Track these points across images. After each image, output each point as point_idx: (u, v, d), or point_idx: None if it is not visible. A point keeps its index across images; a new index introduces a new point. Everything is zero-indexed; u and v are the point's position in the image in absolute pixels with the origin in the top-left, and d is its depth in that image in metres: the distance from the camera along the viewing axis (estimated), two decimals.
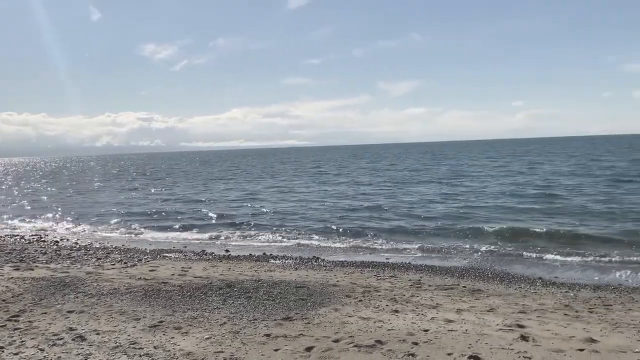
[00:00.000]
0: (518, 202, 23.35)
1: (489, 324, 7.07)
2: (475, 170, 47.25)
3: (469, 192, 27.94)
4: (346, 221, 19.88)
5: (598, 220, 17.63)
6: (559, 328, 6.91)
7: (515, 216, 19.48)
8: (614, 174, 35.63)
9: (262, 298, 8.60)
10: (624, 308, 8.27)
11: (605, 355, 5.79)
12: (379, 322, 7.12)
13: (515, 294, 9.46)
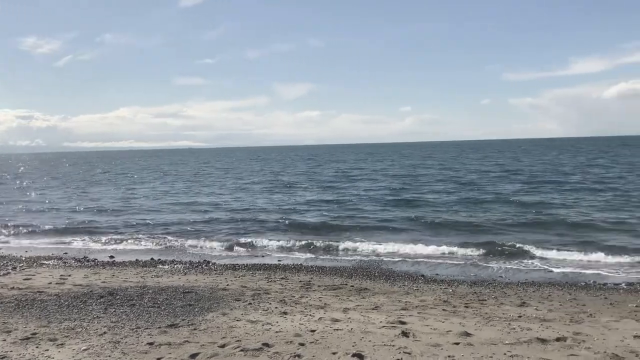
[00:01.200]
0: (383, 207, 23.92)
1: (373, 322, 7.29)
2: (362, 173, 48.65)
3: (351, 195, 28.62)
4: (239, 224, 19.72)
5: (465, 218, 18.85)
6: (438, 323, 7.26)
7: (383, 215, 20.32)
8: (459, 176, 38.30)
9: (146, 305, 8.30)
10: (497, 302, 8.86)
11: (479, 347, 6.16)
12: (267, 325, 7.11)
13: (399, 292, 9.83)
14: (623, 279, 11.15)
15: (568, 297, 9.46)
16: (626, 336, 6.64)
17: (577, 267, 12.30)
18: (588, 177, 34.84)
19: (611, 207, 20.87)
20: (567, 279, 11.23)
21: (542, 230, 16.84)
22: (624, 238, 15.25)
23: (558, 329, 6.94)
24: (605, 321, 7.47)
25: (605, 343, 6.33)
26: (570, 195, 25.38)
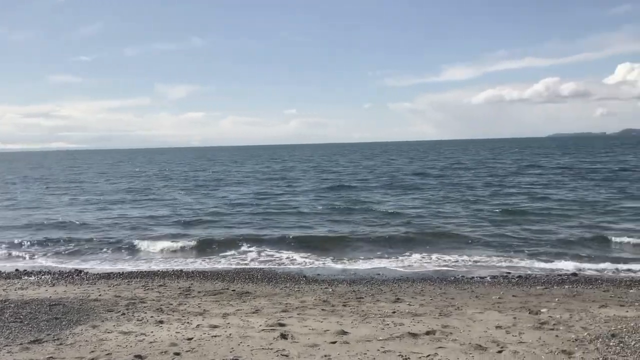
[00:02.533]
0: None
1: (252, 326, 7.24)
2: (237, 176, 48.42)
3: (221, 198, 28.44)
4: (116, 229, 18.80)
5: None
6: (316, 323, 7.36)
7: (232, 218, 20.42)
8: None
9: (7, 321, 7.65)
10: (373, 299, 9.15)
11: (354, 345, 6.32)
12: (141, 336, 6.82)
13: (280, 294, 9.86)
14: (488, 273, 11.96)
15: (439, 291, 9.98)
16: (489, 327, 7.12)
17: (450, 265, 13.02)
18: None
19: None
20: (438, 275, 11.86)
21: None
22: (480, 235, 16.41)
23: (428, 323, 7.30)
24: (471, 313, 7.97)
25: (470, 334, 6.75)
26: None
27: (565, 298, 9.19)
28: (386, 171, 46.95)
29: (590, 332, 6.72)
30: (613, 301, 8.84)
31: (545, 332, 6.81)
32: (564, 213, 19.64)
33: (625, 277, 11.21)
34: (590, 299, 9.09)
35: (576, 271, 11.86)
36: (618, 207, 20.80)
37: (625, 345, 6.11)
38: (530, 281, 10.97)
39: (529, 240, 15.32)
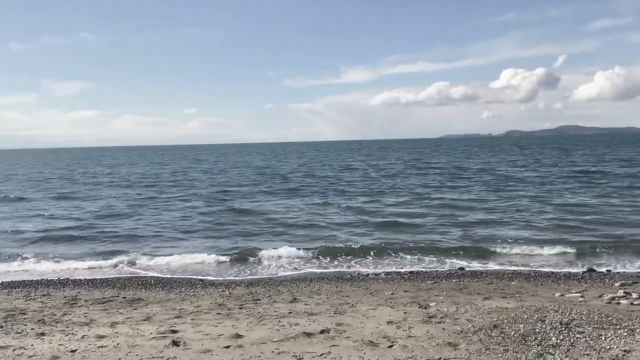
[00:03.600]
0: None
1: (142, 334, 6.95)
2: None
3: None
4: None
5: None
6: (210, 328, 7.20)
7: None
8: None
9: None
10: (270, 301, 9.12)
11: (249, 348, 6.24)
12: (19, 350, 6.34)
13: (174, 299, 9.57)
14: (383, 270, 12.30)
15: (335, 289, 10.13)
16: (381, 322, 7.30)
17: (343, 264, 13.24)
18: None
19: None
20: (335, 273, 12.04)
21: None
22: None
23: (323, 322, 7.37)
24: (365, 310, 8.14)
25: (362, 331, 6.89)
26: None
27: (453, 291, 9.64)
28: (283, 172, 47.13)
29: (474, 323, 7.08)
30: (496, 293, 9.39)
31: (433, 325, 7.09)
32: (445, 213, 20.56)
33: (507, 270, 11.93)
34: (476, 291, 9.60)
35: (464, 266, 12.48)
36: (491, 205, 22.15)
37: (506, 335, 6.49)
38: (421, 276, 11.41)
39: (415, 239, 15.89)
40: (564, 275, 11.22)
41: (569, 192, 25.11)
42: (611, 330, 6.59)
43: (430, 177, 36.70)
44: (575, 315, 7.24)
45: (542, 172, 38.05)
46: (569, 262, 12.56)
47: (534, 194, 24.91)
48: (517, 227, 16.98)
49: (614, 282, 10.32)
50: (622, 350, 5.85)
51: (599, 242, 14.24)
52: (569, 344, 6.11)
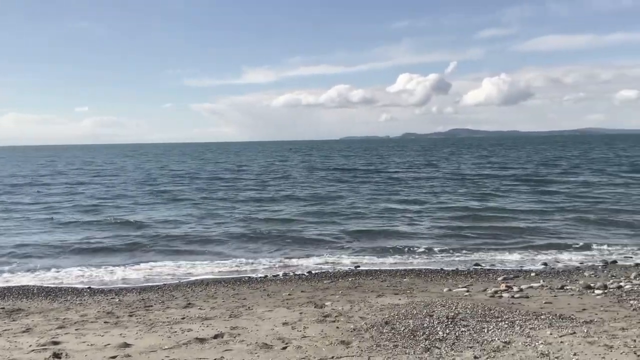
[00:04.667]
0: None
1: (21, 347, 6.46)
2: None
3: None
4: None
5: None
6: (96, 338, 6.83)
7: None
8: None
9: None
10: (163, 307, 8.81)
11: (137, 357, 5.98)
12: None
13: (59, 308, 9.00)
14: (282, 271, 12.26)
15: (232, 292, 9.98)
16: (276, 324, 7.27)
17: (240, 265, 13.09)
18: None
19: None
20: (232, 275, 11.86)
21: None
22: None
23: (217, 326, 7.22)
24: (261, 312, 8.07)
25: (257, 333, 6.82)
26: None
27: (348, 290, 9.81)
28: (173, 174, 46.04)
29: (367, 321, 7.23)
30: (389, 290, 9.66)
31: (327, 324, 7.16)
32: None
33: (400, 268, 12.31)
34: (370, 289, 9.83)
35: (358, 264, 12.74)
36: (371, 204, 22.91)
37: (396, 331, 6.68)
38: (319, 276, 11.51)
39: (312, 239, 16.06)
40: (452, 271, 11.76)
41: (452, 194, 26.05)
42: (493, 322, 6.97)
43: (329, 179, 37.19)
44: (460, 309, 7.59)
45: (431, 174, 39.74)
46: (457, 259, 13.16)
47: (423, 194, 25.93)
48: (406, 224, 17.63)
49: (497, 276, 10.94)
50: (503, 341, 6.19)
51: (485, 240, 15.09)
52: (454, 337, 6.40)
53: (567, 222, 17.61)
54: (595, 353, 5.68)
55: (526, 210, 20.21)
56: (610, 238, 15.14)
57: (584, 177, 33.29)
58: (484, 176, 35.81)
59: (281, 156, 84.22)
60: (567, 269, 11.73)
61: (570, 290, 9.19)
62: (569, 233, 15.88)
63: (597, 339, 6.14)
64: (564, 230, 16.26)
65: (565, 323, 6.89)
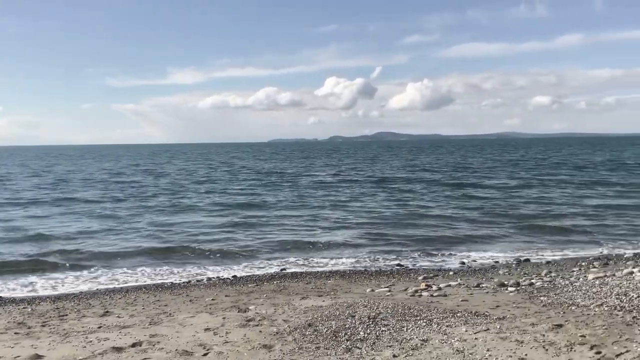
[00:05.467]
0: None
1: None
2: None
3: None
4: None
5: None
6: (5, 350, 6.47)
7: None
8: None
9: None
10: (79, 315, 8.44)
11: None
12: None
13: None
14: (206, 276, 12.07)
15: (153, 299, 9.71)
16: (198, 330, 7.14)
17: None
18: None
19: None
20: (151, 282, 11.53)
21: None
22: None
23: (136, 334, 7.01)
24: (182, 318, 7.91)
25: (178, 340, 6.68)
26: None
27: (273, 293, 9.78)
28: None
29: (290, 324, 7.24)
30: (313, 292, 9.71)
31: (250, 328, 7.11)
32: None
33: (326, 270, 12.42)
34: (295, 291, 9.85)
35: (285, 267, 12.75)
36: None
37: (319, 333, 6.73)
38: (244, 280, 11.42)
39: (244, 242, 15.96)
40: (376, 272, 11.98)
41: (374, 197, 26.45)
42: (412, 321, 7.16)
43: (253, 183, 36.91)
44: (382, 309, 7.75)
45: (355, 178, 40.35)
46: (381, 260, 13.41)
47: (348, 198, 26.28)
48: (331, 228, 17.85)
49: (418, 276, 11.25)
50: (421, 339, 6.38)
51: (407, 241, 15.49)
52: (374, 337, 6.52)
53: (484, 223, 18.36)
54: (507, 348, 5.95)
55: (447, 213, 20.89)
56: (524, 237, 15.91)
57: (501, 180, 34.82)
58: (407, 180, 36.63)
59: (206, 159, 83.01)
60: (483, 267, 12.24)
61: (486, 288, 9.58)
62: (486, 233, 16.56)
63: (509, 334, 6.44)
64: (481, 231, 16.94)
65: (479, 320, 7.17)
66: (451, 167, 49.42)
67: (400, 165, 56.47)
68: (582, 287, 9.05)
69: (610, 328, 6.48)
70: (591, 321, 6.84)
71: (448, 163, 57.58)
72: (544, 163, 53.80)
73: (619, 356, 5.57)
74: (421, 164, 57.54)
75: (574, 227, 17.31)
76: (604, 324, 6.66)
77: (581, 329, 6.53)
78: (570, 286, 9.24)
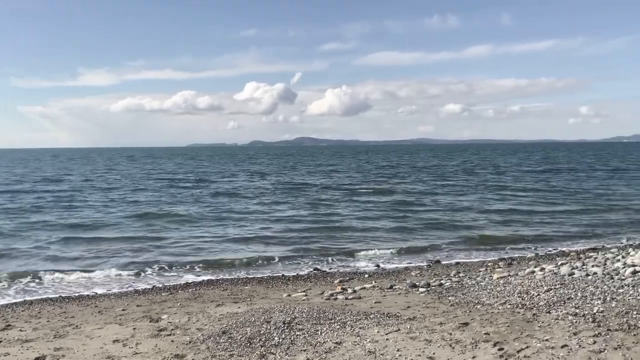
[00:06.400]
0: None
1: None
2: None
3: None
4: None
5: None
6: None
7: None
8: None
9: None
10: None
11: None
12: None
13: None
14: (117, 286, 11.65)
15: (59, 311, 9.25)
16: (106, 342, 6.87)
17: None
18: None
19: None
20: (56, 294, 10.98)
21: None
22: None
23: (39, 348, 6.66)
24: (90, 330, 7.58)
25: (84, 353, 6.40)
26: None
27: (188, 301, 9.59)
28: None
29: (204, 332, 7.12)
30: (229, 299, 9.61)
31: (162, 338, 6.93)
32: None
33: (242, 276, 12.33)
34: (210, 299, 9.70)
35: (200, 274, 12.53)
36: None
37: (233, 340, 6.66)
38: (157, 289, 11.12)
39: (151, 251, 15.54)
40: (293, 276, 12.03)
41: (292, 203, 26.44)
42: (327, 324, 7.23)
43: (160, 190, 35.27)
44: (297, 314, 7.77)
45: (265, 185, 40.28)
46: (298, 265, 13.49)
47: (259, 205, 26.03)
48: (248, 233, 17.76)
49: (335, 279, 11.41)
50: (334, 342, 6.46)
51: (324, 245, 15.68)
52: (289, 342, 6.54)
53: (399, 227, 18.88)
54: (416, 347, 6.14)
55: (360, 216, 21.37)
56: (434, 239, 16.49)
57: (416, 185, 35.93)
58: (325, 186, 36.73)
59: (114, 163, 79.95)
60: (397, 269, 12.59)
61: (399, 290, 9.85)
62: (401, 237, 17.05)
63: (418, 334, 6.65)
64: (396, 235, 17.42)
65: (391, 321, 7.36)
66: (373, 173, 50.26)
67: (318, 170, 56.89)
68: (488, 286, 9.50)
69: (512, 325, 6.85)
70: (495, 319, 7.20)
71: (365, 169, 58.54)
72: (457, 169, 56.03)
73: (519, 352, 5.88)
74: (339, 169, 58.21)
75: (481, 229, 18.18)
76: (507, 322, 7.02)
77: (485, 326, 6.86)
78: (476, 286, 9.68)
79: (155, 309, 9.05)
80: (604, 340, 6.02)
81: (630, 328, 6.42)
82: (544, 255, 13.87)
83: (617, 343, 5.92)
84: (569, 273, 9.83)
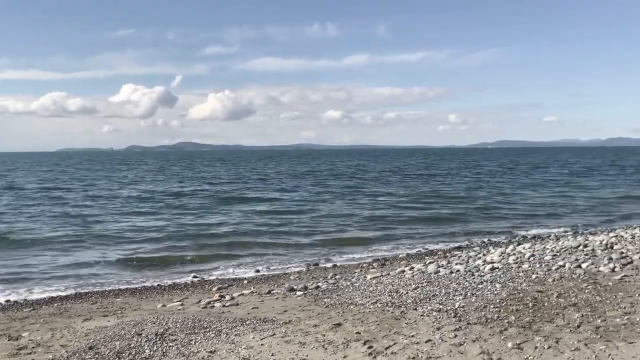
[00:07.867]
0: None
1: None
2: None
3: None
4: None
5: None
6: None
7: None
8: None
9: None
10: None
11: None
12: None
13: None
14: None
15: None
16: None
17: None
18: None
19: None
20: None
21: None
22: None
23: None
24: None
25: None
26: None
27: (52, 317, 8.98)
28: None
29: (68, 349, 6.72)
30: (98, 313, 9.12)
31: (22, 357, 6.48)
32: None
33: (113, 288, 11.76)
34: (77, 313, 9.15)
35: (67, 287, 11.80)
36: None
37: (100, 356, 6.36)
38: (18, 304, 10.32)
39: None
40: (169, 285, 11.69)
41: (171, 210, 25.89)
42: (201, 333, 7.12)
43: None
44: (171, 325, 7.57)
45: (131, 193, 38.90)
46: (175, 273, 13.12)
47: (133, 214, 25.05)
48: (117, 243, 17.06)
49: (213, 286, 11.23)
50: (208, 351, 6.37)
51: (199, 253, 15.44)
52: (161, 353, 6.36)
53: (278, 232, 19.01)
54: (290, 351, 6.22)
55: (235, 221, 21.34)
56: (314, 245, 16.75)
57: (290, 194, 36.35)
58: (195, 193, 35.20)
59: None
60: (276, 274, 12.65)
61: (276, 294, 9.90)
62: (282, 241, 17.19)
63: (293, 337, 6.74)
64: (276, 239, 17.54)
65: (267, 326, 7.40)
66: (251, 179, 49.90)
67: (193, 177, 54.33)
68: (361, 287, 9.84)
69: (381, 323, 7.15)
70: (366, 318, 7.48)
71: (243, 175, 57.51)
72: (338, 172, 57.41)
73: (387, 348, 6.16)
74: (215, 177, 55.80)
75: (355, 233, 18.83)
76: (377, 320, 7.33)
77: (357, 326, 7.10)
78: (351, 287, 9.98)
79: (15, 326, 8.38)
80: (464, 334, 6.47)
81: (487, 321, 6.96)
82: (415, 254, 14.62)
83: (476, 336, 6.39)
84: (435, 271, 10.46)
